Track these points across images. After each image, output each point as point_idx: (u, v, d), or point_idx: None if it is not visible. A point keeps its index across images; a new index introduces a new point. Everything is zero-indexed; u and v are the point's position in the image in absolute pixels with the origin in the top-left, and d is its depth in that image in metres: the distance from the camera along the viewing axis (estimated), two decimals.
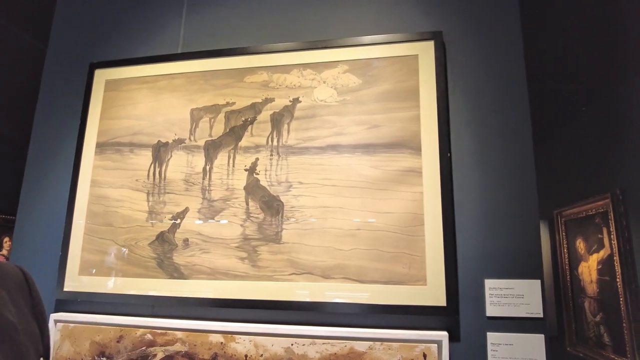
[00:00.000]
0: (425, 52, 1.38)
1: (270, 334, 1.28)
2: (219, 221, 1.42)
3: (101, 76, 1.63)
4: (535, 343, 1.20)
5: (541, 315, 1.21)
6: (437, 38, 1.38)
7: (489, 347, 1.21)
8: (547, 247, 2.80)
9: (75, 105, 1.64)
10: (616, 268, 1.88)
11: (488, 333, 1.22)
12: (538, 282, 1.23)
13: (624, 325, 1.82)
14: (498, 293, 1.24)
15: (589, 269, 2.25)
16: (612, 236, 1.93)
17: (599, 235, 2.09)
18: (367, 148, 1.37)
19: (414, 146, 1.34)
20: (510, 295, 1.23)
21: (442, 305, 1.22)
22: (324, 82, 1.45)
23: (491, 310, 1.23)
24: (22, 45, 2.63)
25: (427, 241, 1.27)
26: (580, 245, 2.37)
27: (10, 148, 3.23)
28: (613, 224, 1.91)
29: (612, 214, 1.92)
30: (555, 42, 2.13)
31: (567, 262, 2.58)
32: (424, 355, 1.20)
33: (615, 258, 1.90)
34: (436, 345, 1.20)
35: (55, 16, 1.82)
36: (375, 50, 1.43)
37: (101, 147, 1.57)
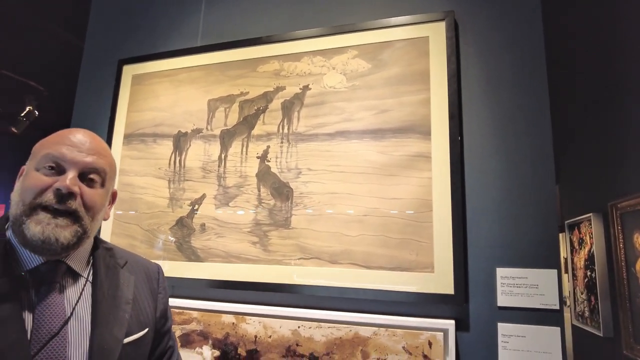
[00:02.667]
0: (436, 33, 1.33)
1: (278, 316, 1.32)
2: (232, 207, 1.47)
3: (128, 71, 1.74)
4: (551, 336, 1.13)
5: (557, 307, 1.14)
6: (449, 18, 1.33)
7: (500, 338, 1.17)
8: (600, 241, 2.60)
9: (107, 100, 1.76)
10: None
11: (499, 324, 1.17)
12: (554, 272, 1.16)
13: None
14: (510, 282, 1.18)
15: None
16: None
17: None
18: (376, 133, 1.35)
19: (423, 130, 1.30)
20: (523, 285, 1.17)
21: (449, 294, 1.19)
22: (334, 69, 1.44)
23: (503, 300, 1.18)
24: (62, 42, 2.86)
25: (435, 228, 1.24)
26: (638, 240, 2.18)
27: None
28: None
29: None
30: (579, 18, 1.94)
31: (623, 259, 2.38)
32: (430, 344, 1.18)
33: None
34: (442, 333, 1.17)
35: (90, 16, 1.95)
36: (384, 33, 1.40)
37: (128, 137, 1.68)
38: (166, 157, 1.61)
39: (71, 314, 0.75)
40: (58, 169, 0.75)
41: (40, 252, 0.72)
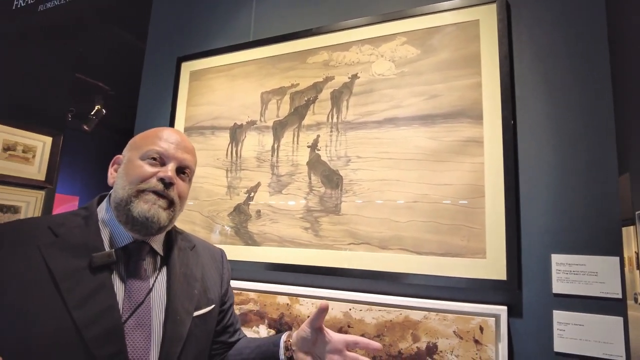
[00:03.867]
0: (486, 16, 1.31)
1: (330, 298, 1.37)
2: (285, 194, 1.54)
3: (186, 68, 1.85)
4: (612, 326, 1.09)
5: (619, 296, 1.10)
6: (500, 0, 1.29)
7: (555, 325, 1.14)
8: None
9: (167, 96, 1.89)
10: None
11: (554, 311, 1.15)
12: (616, 259, 1.11)
13: None
14: (566, 269, 1.15)
15: None
16: None
17: None
18: (425, 119, 1.35)
19: (474, 115, 1.29)
20: (581, 272, 1.13)
21: (502, 279, 1.18)
22: (382, 56, 1.45)
23: (558, 287, 1.15)
24: (126, 44, 3.07)
25: (487, 213, 1.23)
26: None
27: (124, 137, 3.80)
28: None
29: None
30: None
31: None
32: (481, 329, 1.18)
33: None
34: (494, 319, 1.17)
35: (151, 18, 2.09)
36: (433, 19, 1.39)
37: (188, 131, 1.79)
38: (223, 148, 1.71)
39: (152, 286, 0.85)
40: (160, 161, 0.87)
41: (139, 229, 0.83)
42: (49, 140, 3.01)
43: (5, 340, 0.70)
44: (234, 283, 1.53)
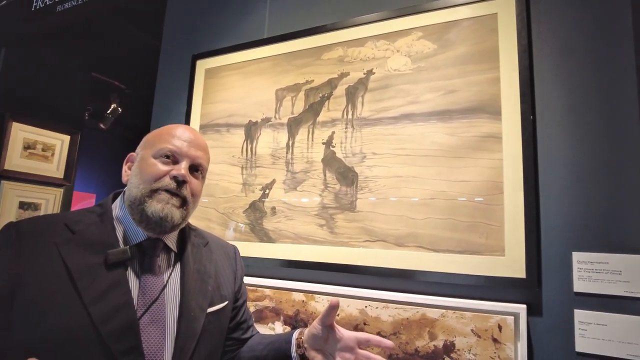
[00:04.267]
0: (505, 9, 1.28)
1: (346, 295, 1.37)
2: (300, 191, 1.54)
3: (201, 66, 1.86)
4: (636, 326, 1.06)
5: None
6: None
7: (577, 325, 1.12)
8: None
9: (182, 94, 1.90)
10: None
11: (576, 310, 1.12)
12: None
13: None
14: (588, 267, 1.12)
15: None
16: None
17: None
18: (443, 115, 1.33)
19: (493, 110, 1.26)
20: (603, 271, 1.10)
21: (520, 277, 1.16)
22: (398, 51, 1.44)
23: (579, 286, 1.12)
24: (141, 43, 3.10)
25: (506, 210, 1.21)
26: None
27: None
28: None
29: None
30: None
31: None
32: (499, 327, 1.16)
33: None
34: (513, 317, 1.15)
35: (165, 17, 2.11)
36: (450, 13, 1.37)
37: (204, 128, 1.80)
38: (238, 146, 1.71)
39: (166, 283, 0.85)
40: (173, 159, 0.87)
41: (153, 228, 0.84)
42: (67, 138, 3.07)
43: (23, 335, 0.71)
44: (249, 279, 1.54)
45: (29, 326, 0.71)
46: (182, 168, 0.86)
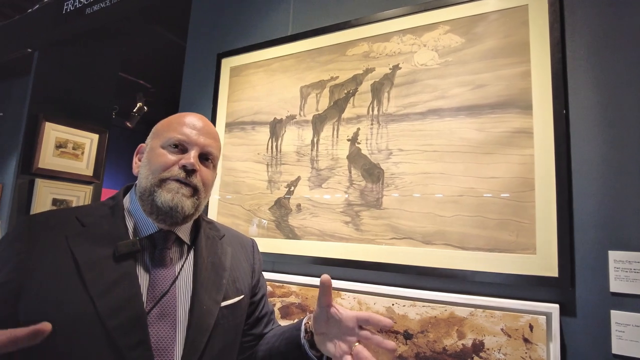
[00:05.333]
0: (536, 1, 1.24)
1: (373, 292, 1.36)
2: (325, 188, 1.54)
3: (226, 64, 1.88)
4: None
5: None
6: None
7: (613, 326, 1.08)
8: None
9: (208, 92, 1.93)
10: None
11: (612, 311, 1.09)
12: None
13: None
14: (626, 267, 1.08)
15: None
16: None
17: None
18: (471, 110, 1.31)
19: (523, 105, 1.23)
20: None
21: (553, 276, 1.13)
22: (424, 46, 1.42)
23: (616, 286, 1.09)
24: (167, 43, 3.15)
25: (537, 207, 1.18)
26: None
27: None
28: None
29: None
30: None
31: None
32: (531, 327, 1.13)
33: None
34: (545, 317, 1.12)
35: (191, 17, 2.14)
36: (478, 6, 1.34)
37: (229, 126, 1.82)
38: (264, 143, 1.73)
39: (177, 275, 0.83)
40: (182, 148, 0.85)
41: (164, 219, 0.82)
42: (95, 137, 3.16)
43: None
44: (275, 276, 1.55)
45: (35, 318, 0.68)
46: (192, 157, 0.83)
